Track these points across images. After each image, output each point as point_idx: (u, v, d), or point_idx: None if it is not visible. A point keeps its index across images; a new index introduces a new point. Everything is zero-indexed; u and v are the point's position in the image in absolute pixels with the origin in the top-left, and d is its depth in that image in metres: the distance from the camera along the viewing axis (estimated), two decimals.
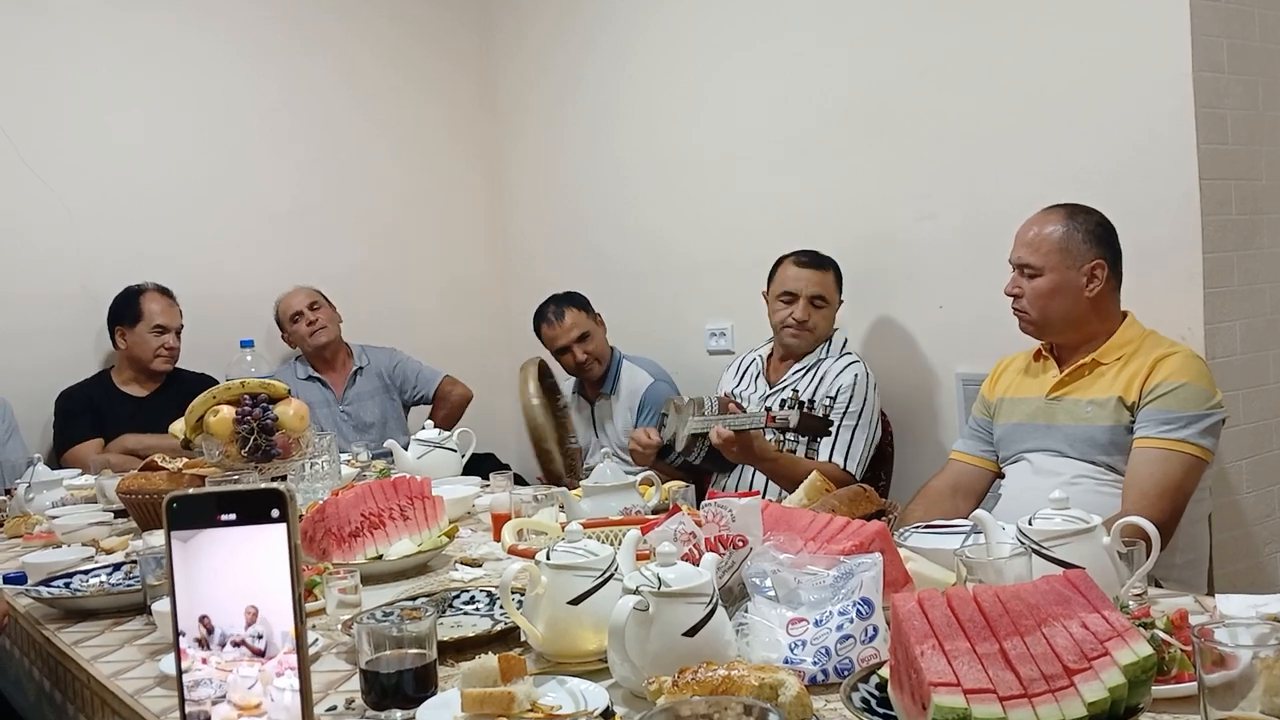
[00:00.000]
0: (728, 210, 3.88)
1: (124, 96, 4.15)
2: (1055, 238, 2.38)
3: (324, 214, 4.57)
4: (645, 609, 1.30)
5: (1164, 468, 2.19)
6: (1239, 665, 1.03)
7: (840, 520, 1.58)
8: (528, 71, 4.79)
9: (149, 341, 3.85)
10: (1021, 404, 2.47)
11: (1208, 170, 2.65)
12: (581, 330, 3.69)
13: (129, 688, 1.54)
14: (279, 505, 0.71)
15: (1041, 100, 2.92)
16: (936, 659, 1.08)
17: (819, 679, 1.33)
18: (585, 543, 1.50)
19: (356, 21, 4.66)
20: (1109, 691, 1.05)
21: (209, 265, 4.27)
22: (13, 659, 2.11)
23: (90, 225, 4.07)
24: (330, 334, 4.16)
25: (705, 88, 3.92)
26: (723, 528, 1.55)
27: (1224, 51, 2.70)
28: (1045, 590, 1.15)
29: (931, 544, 1.78)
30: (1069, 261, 2.37)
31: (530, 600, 1.48)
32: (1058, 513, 1.52)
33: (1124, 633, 1.09)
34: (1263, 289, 2.82)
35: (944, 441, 3.19)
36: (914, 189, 3.27)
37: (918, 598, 1.15)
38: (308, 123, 4.54)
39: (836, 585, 1.40)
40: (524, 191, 4.93)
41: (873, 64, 3.35)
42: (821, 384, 3.10)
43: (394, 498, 2.17)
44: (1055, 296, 2.37)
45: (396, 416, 4.26)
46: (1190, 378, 2.24)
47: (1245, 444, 2.78)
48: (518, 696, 1.23)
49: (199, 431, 2.49)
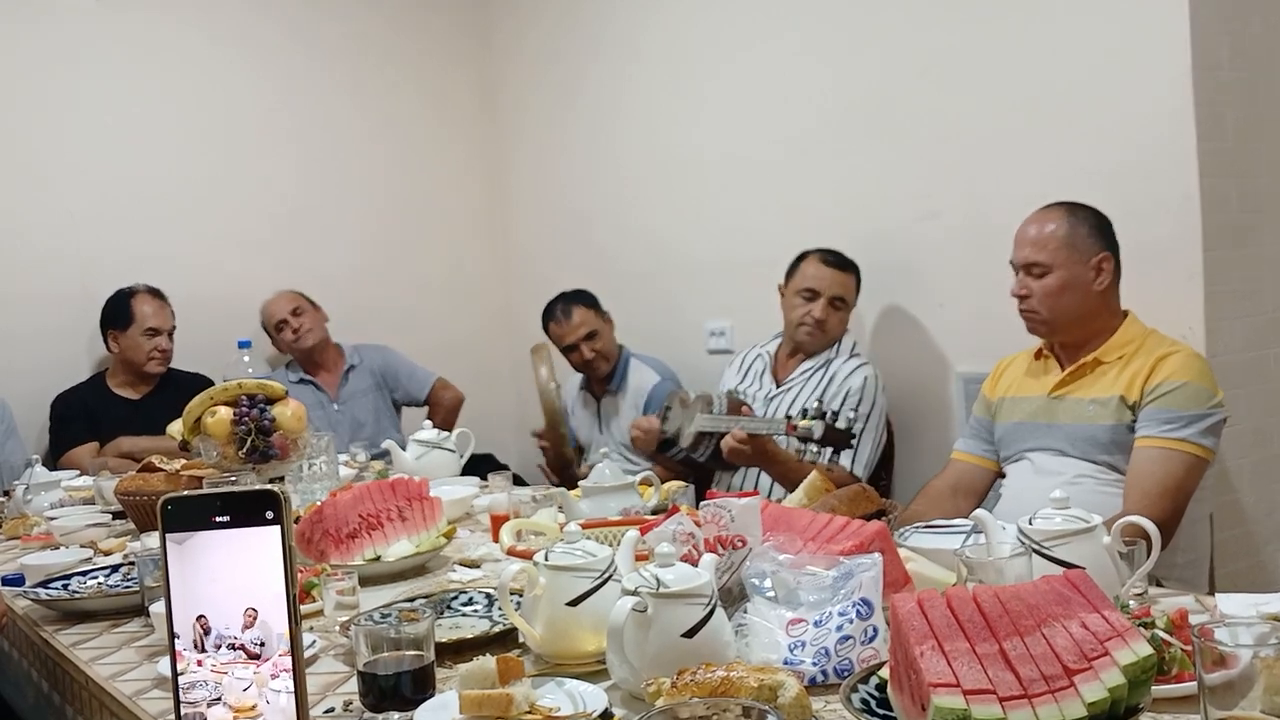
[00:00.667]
0: (728, 210, 3.88)
1: (124, 98, 4.15)
2: (1061, 234, 2.37)
3: (323, 214, 4.56)
4: (644, 610, 1.29)
5: (1166, 467, 2.18)
6: (1239, 665, 1.02)
7: (840, 520, 1.58)
8: (528, 71, 4.79)
9: (141, 344, 3.84)
10: (1023, 403, 2.47)
11: (1208, 169, 2.65)
12: (589, 329, 3.70)
13: (127, 689, 1.54)
14: (273, 507, 0.71)
15: (1042, 100, 2.91)
16: (936, 659, 1.07)
17: (818, 680, 1.32)
18: (584, 543, 1.50)
19: (355, 22, 4.66)
20: (1109, 692, 1.05)
21: (208, 266, 4.27)
22: (11, 661, 2.10)
23: (90, 226, 4.07)
24: (317, 336, 4.16)
25: (706, 87, 3.91)
26: (722, 528, 1.54)
27: (1224, 50, 2.70)
28: (1045, 590, 1.14)
29: (932, 544, 1.77)
30: (1076, 256, 2.36)
31: (528, 601, 1.48)
32: (1058, 512, 1.52)
33: (1124, 633, 1.09)
34: (1263, 287, 2.82)
35: (945, 441, 3.18)
36: (914, 188, 3.26)
37: (917, 598, 1.14)
38: (307, 123, 4.54)
39: (836, 586, 1.40)
40: (524, 191, 4.93)
41: (873, 64, 3.34)
42: (830, 385, 3.09)
43: (392, 499, 2.16)
44: (1065, 293, 2.36)
45: (389, 415, 4.26)
46: (1192, 377, 2.23)
47: (1246, 443, 2.77)
48: (516, 698, 1.23)
49: (196, 433, 2.48)
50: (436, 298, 4.85)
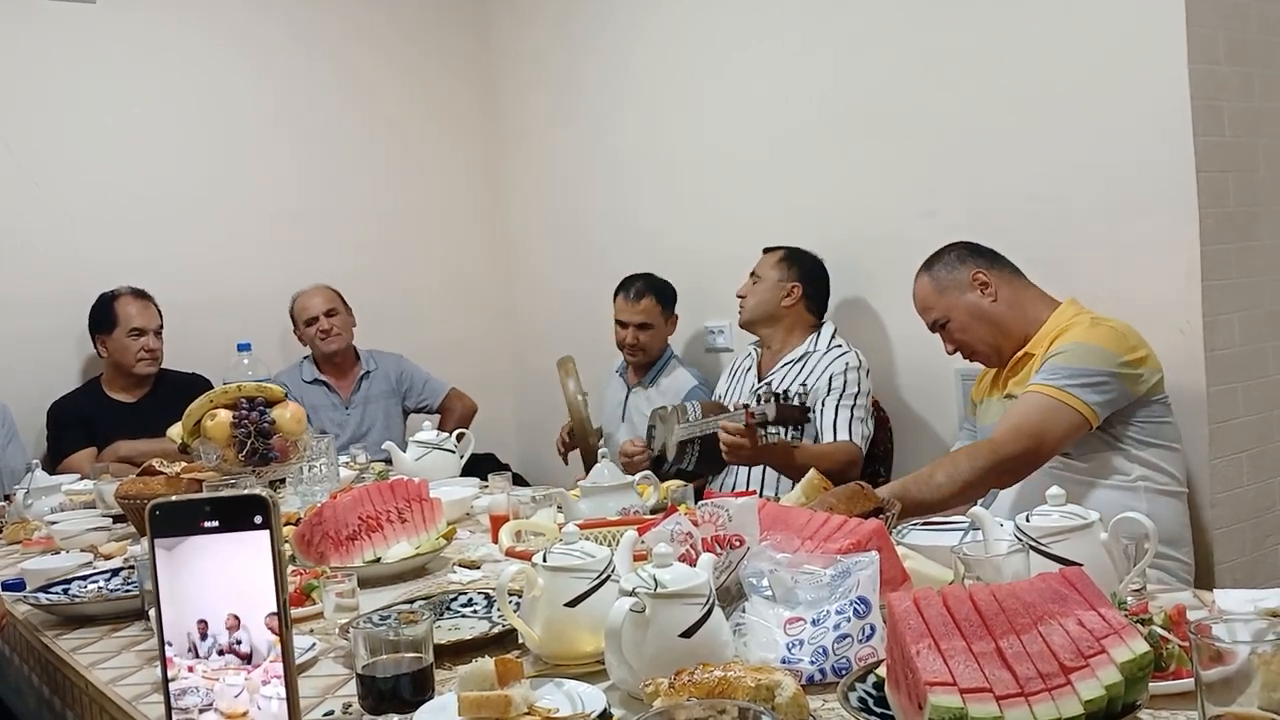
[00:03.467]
0: (728, 208, 3.88)
1: (124, 100, 4.15)
2: (928, 289, 2.53)
3: (324, 216, 4.56)
4: (641, 610, 1.30)
5: (1031, 407, 2.22)
6: (1236, 661, 1.02)
7: (837, 519, 1.58)
8: (527, 71, 4.78)
9: (128, 346, 3.82)
10: (990, 406, 2.53)
11: (1205, 163, 2.65)
12: (646, 320, 3.74)
13: (127, 694, 1.54)
14: (262, 512, 0.71)
15: (1040, 96, 2.91)
16: (932, 658, 1.07)
17: (816, 678, 1.32)
18: (582, 544, 1.50)
19: (355, 23, 4.65)
20: (1105, 690, 1.05)
21: (208, 268, 4.27)
22: (12, 665, 2.11)
23: (89, 228, 4.07)
24: (342, 343, 4.15)
25: (705, 86, 3.91)
26: (719, 527, 1.54)
27: (1220, 44, 2.69)
28: (1041, 588, 1.15)
29: (929, 541, 1.78)
30: (953, 292, 2.49)
31: (527, 603, 1.48)
32: (1055, 509, 1.52)
33: (1120, 630, 1.09)
34: (1261, 281, 2.81)
35: (944, 438, 3.19)
36: (914, 186, 3.26)
37: (913, 597, 1.14)
38: (307, 124, 4.54)
39: (833, 584, 1.40)
40: (524, 191, 4.92)
41: (872, 62, 3.34)
42: (812, 375, 3.14)
43: (391, 500, 2.16)
44: (971, 326, 2.48)
45: (398, 421, 4.26)
46: (1085, 339, 2.27)
47: (1245, 436, 2.77)
48: (515, 700, 1.23)
49: (196, 436, 2.48)
50: (437, 298, 4.85)
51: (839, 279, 3.38)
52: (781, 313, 3.26)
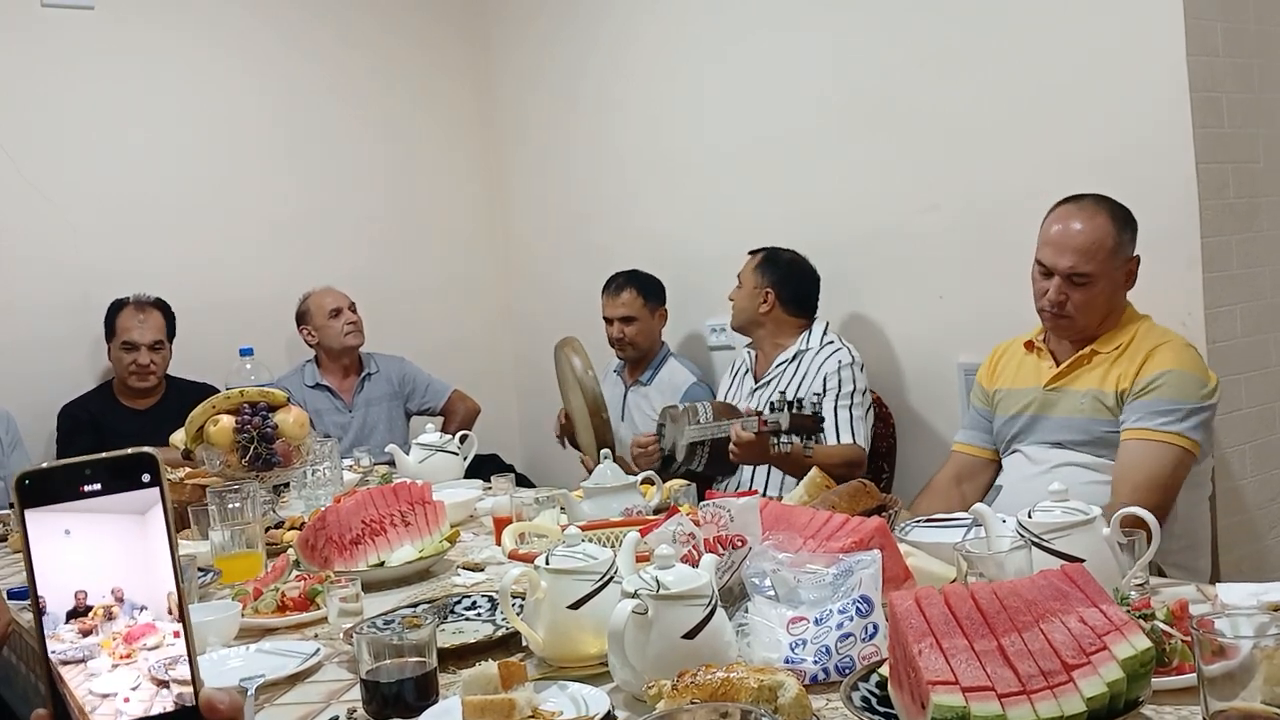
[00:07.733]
0: (728, 206, 3.87)
1: (125, 108, 4.15)
2: (1109, 244, 2.27)
3: (325, 218, 4.56)
4: (644, 612, 1.30)
5: (1154, 460, 2.16)
6: (1239, 656, 1.02)
7: (839, 518, 1.58)
8: (526, 71, 4.78)
9: (120, 358, 3.81)
10: (1019, 396, 2.45)
11: (1205, 155, 2.64)
12: (629, 313, 3.75)
13: None
14: (150, 469, 0.68)
15: (1039, 90, 2.91)
16: (934, 657, 1.07)
17: (820, 678, 1.33)
18: (584, 546, 1.50)
19: (353, 27, 4.65)
20: (1107, 686, 1.05)
21: (210, 274, 4.26)
22: (19, 673, 2.11)
23: (91, 235, 4.07)
24: (361, 339, 4.17)
25: (705, 84, 3.91)
26: (721, 528, 1.54)
27: (1218, 35, 2.69)
28: (1043, 586, 1.15)
29: (932, 538, 1.78)
30: (1117, 264, 2.30)
31: (530, 605, 1.48)
32: (1058, 505, 1.52)
33: (1122, 627, 1.09)
34: (1262, 272, 2.81)
35: (946, 432, 3.18)
36: (914, 181, 3.26)
37: (915, 596, 1.14)
38: (306, 128, 4.53)
39: (836, 583, 1.40)
40: (524, 191, 4.92)
41: (872, 57, 3.34)
42: (806, 375, 3.12)
43: (394, 504, 2.16)
44: (1098, 303, 2.31)
45: (401, 424, 4.27)
46: (1183, 368, 2.21)
47: (1247, 429, 2.77)
48: (518, 703, 1.23)
49: (199, 441, 2.48)
50: (438, 298, 4.85)
51: (839, 275, 3.37)
52: (760, 319, 3.26)
